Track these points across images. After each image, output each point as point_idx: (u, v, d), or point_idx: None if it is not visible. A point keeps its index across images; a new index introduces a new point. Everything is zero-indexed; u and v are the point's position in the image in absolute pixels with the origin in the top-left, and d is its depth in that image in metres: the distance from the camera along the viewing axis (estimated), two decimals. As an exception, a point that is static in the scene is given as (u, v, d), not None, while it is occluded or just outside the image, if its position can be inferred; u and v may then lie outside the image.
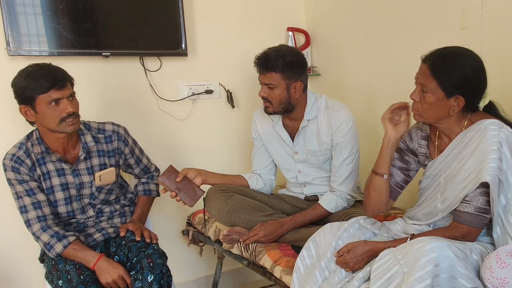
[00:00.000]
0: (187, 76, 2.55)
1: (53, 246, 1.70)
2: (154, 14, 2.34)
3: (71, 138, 1.80)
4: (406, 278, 1.18)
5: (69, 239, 1.72)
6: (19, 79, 1.67)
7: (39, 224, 1.73)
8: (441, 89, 1.38)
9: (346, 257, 1.44)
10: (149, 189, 2.06)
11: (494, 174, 1.30)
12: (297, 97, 1.92)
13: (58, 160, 1.79)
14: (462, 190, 1.39)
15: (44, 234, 1.72)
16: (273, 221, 1.88)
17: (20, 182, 1.74)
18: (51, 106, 1.66)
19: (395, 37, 2.27)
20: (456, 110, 1.40)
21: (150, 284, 1.67)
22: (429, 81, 1.39)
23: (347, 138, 1.92)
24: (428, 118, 1.45)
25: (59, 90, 1.66)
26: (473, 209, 1.36)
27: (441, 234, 1.37)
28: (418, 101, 1.44)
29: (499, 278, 1.18)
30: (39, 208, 1.74)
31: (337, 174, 1.95)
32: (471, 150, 1.39)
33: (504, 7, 1.77)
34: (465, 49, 1.42)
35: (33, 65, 1.70)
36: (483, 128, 1.38)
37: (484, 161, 1.33)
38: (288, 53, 1.88)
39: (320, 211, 1.91)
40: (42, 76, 1.64)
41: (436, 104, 1.40)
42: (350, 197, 1.96)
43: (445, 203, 1.45)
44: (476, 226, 1.37)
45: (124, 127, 1.98)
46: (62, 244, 1.70)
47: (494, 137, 1.34)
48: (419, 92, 1.44)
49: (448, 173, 1.46)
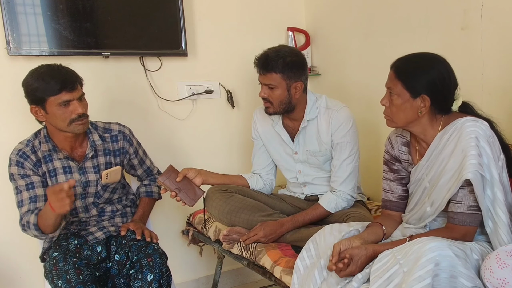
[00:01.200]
0: (187, 76, 2.55)
1: (29, 221, 1.71)
2: (154, 14, 2.34)
3: (78, 137, 1.84)
4: (406, 278, 1.18)
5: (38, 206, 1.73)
6: (31, 80, 1.70)
7: (27, 215, 1.74)
8: (406, 89, 1.42)
9: (352, 269, 1.38)
10: (151, 191, 2.07)
11: (474, 170, 1.30)
12: (297, 97, 1.92)
13: (65, 157, 1.81)
14: (448, 191, 1.40)
15: (24, 219, 1.73)
16: (273, 221, 1.88)
17: (23, 176, 1.76)
18: (61, 108, 1.70)
19: (395, 37, 2.27)
20: (424, 111, 1.43)
21: (150, 283, 1.67)
22: (395, 83, 1.44)
23: (347, 138, 1.92)
24: (398, 121, 1.48)
25: (70, 92, 1.69)
26: (466, 209, 1.37)
27: (440, 236, 1.35)
28: (387, 106, 1.49)
29: (499, 278, 1.18)
30: (33, 202, 1.75)
31: (337, 174, 1.95)
32: (450, 150, 1.40)
33: (504, 7, 1.77)
34: (429, 53, 1.47)
35: (44, 66, 1.72)
36: (459, 126, 1.39)
37: (464, 158, 1.34)
38: (288, 54, 1.88)
39: (320, 211, 1.91)
40: (53, 78, 1.67)
41: (403, 105, 1.44)
42: (350, 197, 1.95)
43: (434, 206, 1.46)
44: (472, 225, 1.38)
45: (129, 128, 2.01)
46: (34, 213, 1.71)
47: (471, 133, 1.35)
48: (387, 97, 1.49)
49: (431, 176, 1.47)
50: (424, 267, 1.17)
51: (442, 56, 1.44)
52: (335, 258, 1.41)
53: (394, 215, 1.63)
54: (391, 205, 1.64)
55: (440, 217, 1.49)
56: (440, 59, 1.44)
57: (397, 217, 1.63)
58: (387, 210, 1.65)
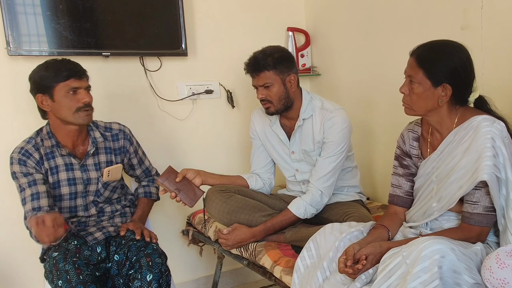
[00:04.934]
0: (187, 76, 2.55)
1: (29, 229, 1.71)
2: (154, 14, 2.34)
3: (81, 133, 1.85)
4: (411, 269, 1.18)
5: (42, 205, 1.71)
6: (39, 70, 1.75)
7: (31, 215, 1.72)
8: (427, 78, 1.40)
9: (366, 267, 1.36)
10: (149, 191, 2.08)
11: (490, 172, 1.30)
12: (294, 91, 1.95)
13: (67, 154, 1.82)
14: (459, 189, 1.39)
15: (28, 220, 1.71)
16: (247, 229, 1.89)
17: (25, 175, 1.76)
18: (69, 95, 1.74)
19: (395, 37, 2.27)
20: (444, 100, 1.41)
21: (149, 283, 1.67)
22: (416, 71, 1.42)
23: (337, 138, 1.93)
24: (418, 110, 1.46)
25: (78, 80, 1.75)
26: (482, 209, 1.37)
27: (454, 236, 1.36)
28: (407, 94, 1.46)
29: (499, 278, 1.17)
30: (36, 199, 1.74)
31: (317, 169, 1.95)
32: (464, 148, 1.39)
33: (504, 7, 1.77)
34: (451, 41, 1.44)
35: (52, 59, 1.79)
36: (475, 125, 1.38)
37: (479, 159, 1.33)
38: (274, 50, 1.93)
39: (289, 216, 1.90)
40: (61, 66, 1.75)
41: (424, 94, 1.42)
42: (324, 197, 1.93)
43: (441, 202, 1.45)
44: (487, 225, 1.38)
45: (129, 128, 2.03)
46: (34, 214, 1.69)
47: (487, 134, 1.34)
48: (407, 85, 1.46)
49: (440, 171, 1.46)
50: (430, 258, 1.16)
51: (462, 44, 1.42)
52: (350, 261, 1.39)
53: (399, 211, 1.63)
54: (398, 200, 1.63)
55: (443, 217, 1.48)
56: (462, 47, 1.42)
57: (401, 214, 1.63)
58: (394, 205, 1.64)
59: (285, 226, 1.91)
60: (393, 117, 2.35)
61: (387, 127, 2.41)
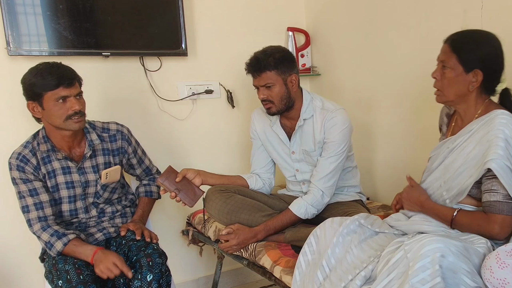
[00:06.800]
0: (187, 76, 2.55)
1: (53, 245, 1.71)
2: (154, 14, 2.34)
3: (76, 136, 1.83)
4: (412, 265, 1.18)
5: (69, 236, 1.73)
6: (29, 76, 1.70)
7: (39, 224, 1.74)
8: (460, 63, 1.44)
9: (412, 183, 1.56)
10: (150, 190, 2.07)
11: (499, 160, 1.31)
12: (295, 91, 1.95)
13: (64, 158, 1.80)
14: (469, 177, 1.41)
15: (44, 233, 1.72)
16: (248, 229, 1.89)
17: (25, 181, 1.75)
18: (58, 103, 1.69)
19: (395, 37, 2.27)
20: (475, 86, 1.44)
21: (149, 283, 1.67)
22: (449, 56, 1.46)
23: (337, 138, 1.93)
24: (448, 95, 1.50)
25: (67, 88, 1.69)
26: (502, 197, 1.36)
27: (479, 223, 1.38)
28: (439, 79, 1.50)
29: (499, 278, 1.17)
30: (41, 209, 1.75)
31: (318, 169, 1.95)
32: (478, 138, 1.42)
33: (504, 7, 1.77)
34: (484, 30, 1.51)
35: (43, 63, 1.73)
36: (492, 116, 1.42)
37: (490, 148, 1.35)
38: (275, 51, 1.92)
39: (290, 216, 1.90)
40: (51, 74, 1.68)
41: (455, 79, 1.46)
42: (325, 197, 1.93)
43: (451, 192, 1.46)
44: (508, 214, 1.35)
45: (128, 127, 2.01)
46: (62, 242, 1.71)
47: (500, 125, 1.37)
48: (439, 70, 1.50)
49: (448, 158, 1.49)
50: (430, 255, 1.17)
51: (495, 34, 1.46)
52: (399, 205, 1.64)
53: None
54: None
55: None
56: (494, 36, 1.46)
57: None
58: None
59: (286, 226, 1.91)
60: (393, 117, 2.35)
61: (387, 127, 2.41)
